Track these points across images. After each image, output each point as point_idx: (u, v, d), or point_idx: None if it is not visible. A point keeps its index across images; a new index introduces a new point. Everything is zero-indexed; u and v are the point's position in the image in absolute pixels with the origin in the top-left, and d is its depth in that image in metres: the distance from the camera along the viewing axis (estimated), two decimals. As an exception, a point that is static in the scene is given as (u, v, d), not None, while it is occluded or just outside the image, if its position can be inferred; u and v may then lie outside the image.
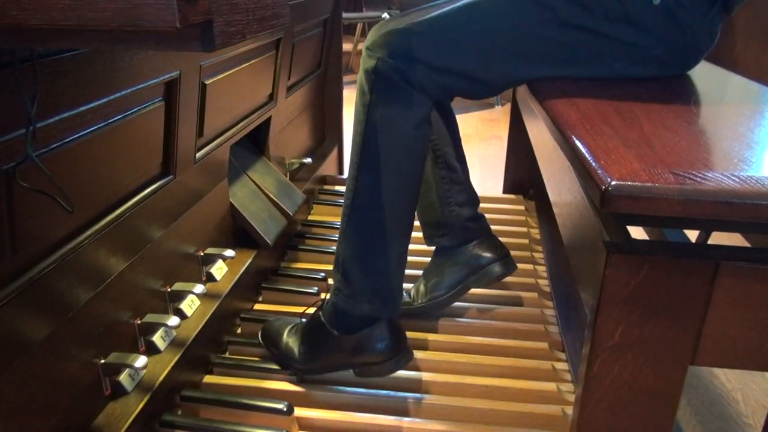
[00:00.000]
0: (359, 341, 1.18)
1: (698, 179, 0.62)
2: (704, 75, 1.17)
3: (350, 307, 1.18)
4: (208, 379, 1.24)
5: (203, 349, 1.23)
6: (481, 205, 2.03)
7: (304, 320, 1.29)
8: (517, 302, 1.55)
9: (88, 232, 0.93)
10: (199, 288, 1.20)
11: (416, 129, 1.15)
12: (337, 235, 1.22)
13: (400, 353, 1.20)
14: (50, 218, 0.83)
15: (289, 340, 1.26)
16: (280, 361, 1.25)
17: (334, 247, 1.67)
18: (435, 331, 1.42)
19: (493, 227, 1.88)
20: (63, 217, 0.85)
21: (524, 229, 1.89)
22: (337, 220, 1.87)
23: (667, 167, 0.64)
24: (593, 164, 0.66)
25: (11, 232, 0.76)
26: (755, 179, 0.61)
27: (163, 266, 1.18)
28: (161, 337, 1.13)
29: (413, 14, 1.35)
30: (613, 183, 0.61)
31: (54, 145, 0.80)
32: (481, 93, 1.20)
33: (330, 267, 1.28)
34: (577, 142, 0.73)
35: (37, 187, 0.75)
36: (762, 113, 0.92)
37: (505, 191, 2.20)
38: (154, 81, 1.02)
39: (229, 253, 1.35)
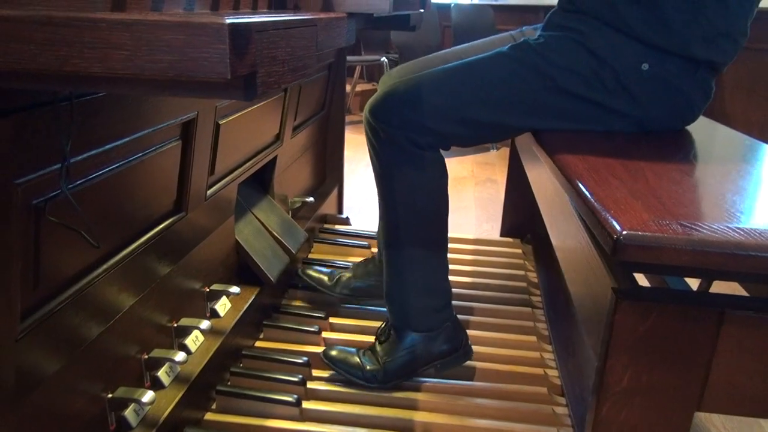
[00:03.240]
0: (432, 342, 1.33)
1: (705, 230, 0.65)
2: (699, 129, 1.22)
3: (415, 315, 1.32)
4: (210, 416, 1.23)
5: (206, 385, 1.23)
6: (479, 247, 2.08)
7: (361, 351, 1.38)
8: (517, 345, 1.56)
9: (104, 267, 0.94)
10: (204, 324, 1.21)
11: (431, 177, 1.24)
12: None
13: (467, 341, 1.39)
14: (72, 252, 0.85)
15: (365, 361, 1.35)
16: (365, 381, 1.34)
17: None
18: (436, 374, 1.43)
19: (490, 270, 1.92)
20: (83, 251, 0.87)
21: (522, 272, 1.92)
22: (337, 259, 1.90)
23: (674, 218, 0.68)
24: (604, 214, 0.69)
25: (35, 266, 0.77)
26: (758, 231, 0.65)
27: (170, 301, 1.19)
28: (166, 372, 1.13)
29: (411, 69, 1.40)
30: (625, 233, 0.64)
31: (80, 182, 0.82)
32: (483, 141, 1.26)
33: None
34: (587, 193, 0.77)
35: (66, 222, 0.77)
36: (758, 167, 0.96)
37: (502, 234, 2.23)
38: (174, 121, 1.05)
39: (234, 290, 1.36)
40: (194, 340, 1.23)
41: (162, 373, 1.12)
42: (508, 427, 1.24)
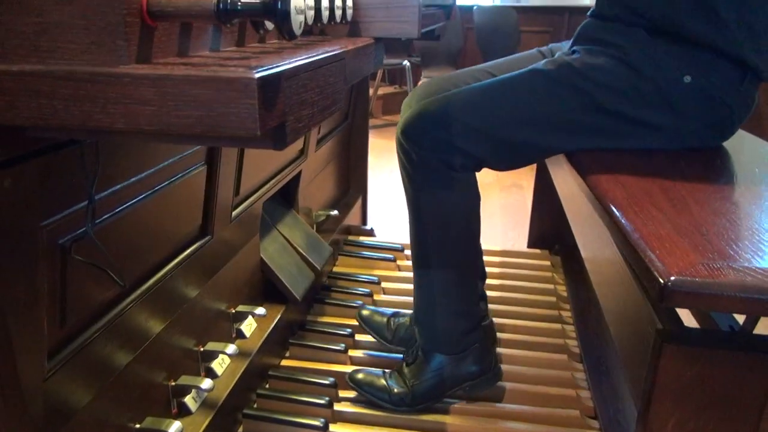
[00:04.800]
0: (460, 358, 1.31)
1: (758, 275, 0.61)
2: (738, 145, 1.17)
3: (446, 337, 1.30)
4: (237, 439, 1.22)
5: (233, 408, 1.22)
6: (506, 259, 2.04)
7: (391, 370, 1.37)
8: (547, 365, 1.52)
9: (130, 298, 0.93)
10: (231, 348, 1.20)
11: (464, 200, 1.22)
12: (362, 289, 1.50)
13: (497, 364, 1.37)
14: (98, 287, 0.83)
15: (391, 384, 1.33)
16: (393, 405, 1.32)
17: (360, 302, 1.69)
18: (465, 396, 1.40)
19: (518, 284, 1.88)
20: (109, 285, 0.86)
21: (551, 286, 1.88)
22: (361, 272, 1.88)
23: (724, 259, 0.64)
24: (650, 255, 0.65)
25: (62, 304, 0.76)
26: (817, 277, 0.61)
27: (197, 325, 1.17)
28: (193, 398, 1.12)
29: (439, 86, 1.36)
30: (673, 278, 0.61)
31: (105, 216, 0.81)
32: (517, 165, 1.22)
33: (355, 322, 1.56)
34: (629, 229, 0.73)
35: (92, 261, 0.75)
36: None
37: (530, 245, 2.19)
38: (199, 147, 1.04)
39: (260, 311, 1.35)
40: (221, 364, 1.22)
41: (189, 399, 1.11)
42: (540, 453, 1.21)
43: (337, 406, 1.33)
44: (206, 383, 1.09)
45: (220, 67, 0.46)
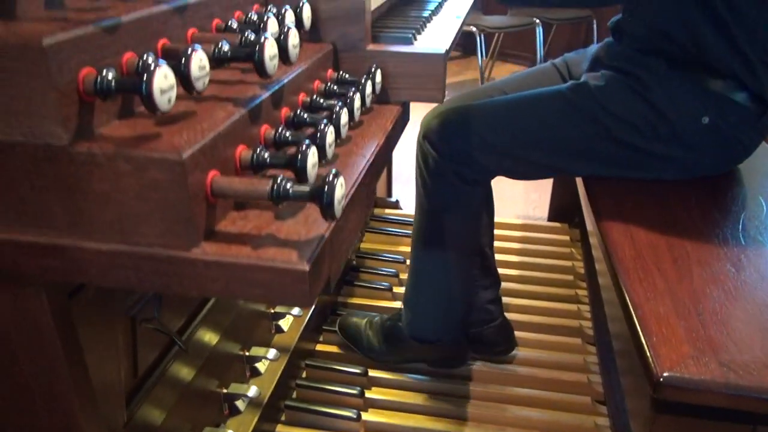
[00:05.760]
0: (429, 348, 1.46)
1: (740, 371, 0.70)
2: (752, 175, 1.20)
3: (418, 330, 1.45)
4: (281, 428, 1.38)
5: (277, 399, 1.37)
6: (526, 234, 2.12)
7: (378, 316, 1.57)
8: (561, 348, 1.63)
9: (189, 330, 1.05)
10: (272, 353, 1.33)
11: (472, 208, 1.30)
12: (391, 269, 1.74)
13: (466, 356, 1.51)
14: (162, 338, 0.95)
15: (370, 335, 1.52)
16: (362, 352, 1.53)
17: (387, 283, 1.81)
18: (478, 379, 1.53)
19: (536, 261, 1.97)
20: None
21: (569, 263, 1.96)
22: (389, 251, 1.98)
23: (714, 351, 0.73)
24: (645, 345, 0.74)
25: (134, 360, 0.89)
26: (793, 373, 0.69)
27: (241, 331, 1.30)
28: (242, 399, 1.26)
29: (465, 98, 1.40)
30: (666, 374, 0.70)
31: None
32: (529, 179, 1.29)
33: (384, 303, 1.73)
34: (631, 302, 0.81)
35: (159, 328, 0.87)
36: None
37: (550, 218, 2.26)
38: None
39: (296, 310, 1.47)
40: (263, 363, 1.36)
41: (238, 402, 1.25)
42: (550, 440, 1.35)
43: (368, 393, 1.47)
44: (252, 390, 1.23)
45: (279, 251, 0.54)
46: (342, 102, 0.75)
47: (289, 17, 0.80)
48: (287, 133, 0.67)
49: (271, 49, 0.64)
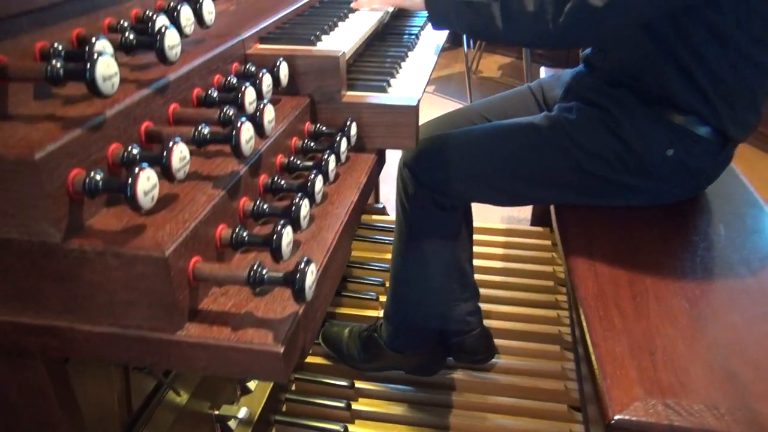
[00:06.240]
0: (406, 358, 1.53)
1: (684, 413, 0.77)
2: (718, 191, 1.26)
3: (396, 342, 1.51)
4: (272, 442, 1.45)
5: (267, 414, 1.44)
6: (507, 239, 2.17)
7: (358, 325, 1.62)
8: (540, 355, 1.70)
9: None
10: (262, 372, 1.39)
11: (450, 230, 1.36)
12: (377, 278, 1.78)
13: (441, 364, 1.58)
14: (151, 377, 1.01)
15: (350, 344, 1.58)
16: (343, 360, 1.60)
17: (373, 293, 1.87)
18: (460, 388, 1.60)
19: (518, 266, 2.03)
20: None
21: (550, 269, 2.03)
22: (376, 259, 2.04)
23: (662, 395, 0.79)
24: (600, 386, 0.81)
25: (127, 394, 0.95)
26: (734, 413, 0.76)
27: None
28: (234, 419, 1.33)
29: (444, 122, 1.45)
30: (616, 417, 0.77)
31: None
32: (505, 205, 1.35)
33: (371, 312, 1.76)
34: (589, 341, 0.88)
35: (155, 376, 0.93)
36: None
37: (533, 222, 2.32)
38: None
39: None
40: (253, 382, 1.42)
41: (230, 422, 1.32)
42: (527, 449, 1.43)
43: (355, 405, 1.54)
44: (242, 412, 1.30)
45: (256, 332, 0.60)
46: (317, 169, 0.80)
47: (266, 82, 0.84)
48: (265, 206, 0.73)
49: (247, 134, 0.69)
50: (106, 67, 0.60)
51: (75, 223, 0.60)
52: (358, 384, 1.60)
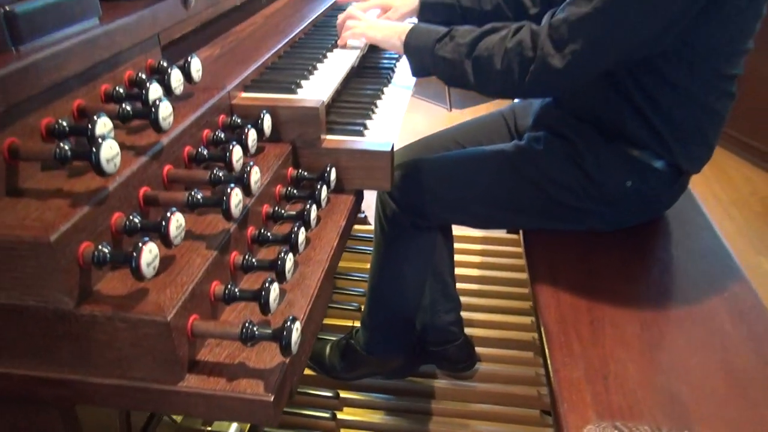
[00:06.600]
0: (383, 362, 1.62)
1: (633, 434, 0.86)
2: (674, 214, 1.36)
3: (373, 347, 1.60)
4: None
5: (256, 428, 1.52)
6: (484, 246, 2.27)
7: (337, 339, 1.70)
8: (515, 361, 1.80)
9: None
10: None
11: (428, 249, 1.45)
12: (359, 288, 1.86)
13: (416, 365, 1.68)
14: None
15: (330, 356, 1.67)
16: (326, 373, 1.68)
17: (355, 303, 1.96)
18: (440, 396, 1.69)
19: (494, 274, 2.13)
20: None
21: (524, 276, 2.12)
22: (357, 269, 2.12)
23: (612, 417, 0.89)
24: (559, 411, 0.90)
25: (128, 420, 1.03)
26: (673, 435, 0.86)
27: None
28: (226, 433, 1.41)
29: (421, 147, 1.53)
30: (570, 440, 0.86)
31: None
32: (479, 228, 1.44)
33: (353, 323, 1.80)
34: (550, 367, 0.97)
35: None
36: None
37: (509, 231, 2.41)
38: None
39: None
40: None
41: (223, 437, 1.40)
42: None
43: (340, 415, 1.63)
44: (233, 428, 1.38)
45: (248, 382, 0.68)
46: (300, 219, 0.88)
47: (252, 137, 0.92)
48: (253, 260, 0.81)
49: (236, 198, 0.77)
50: (110, 149, 0.68)
51: (85, 290, 0.67)
52: (343, 394, 1.69)
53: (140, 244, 0.65)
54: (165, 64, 0.96)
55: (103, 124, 0.73)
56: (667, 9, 0.98)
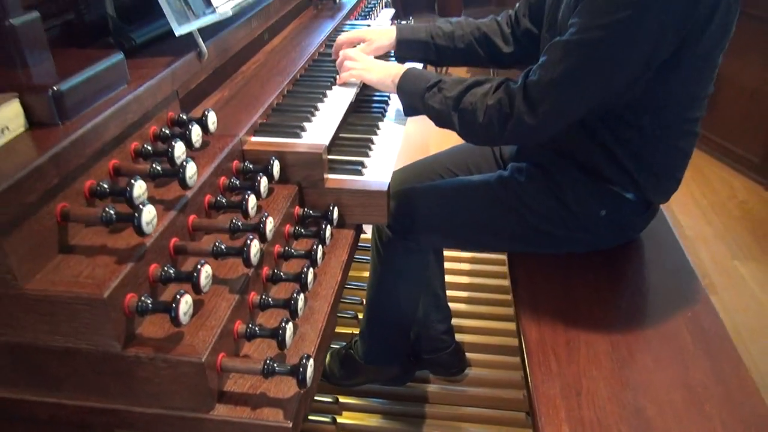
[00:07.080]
0: (381, 370, 1.75)
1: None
2: (649, 235, 1.49)
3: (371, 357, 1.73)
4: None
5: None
6: (474, 267, 2.38)
7: (337, 347, 1.83)
8: (503, 366, 1.93)
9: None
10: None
11: (421, 268, 1.58)
12: (355, 297, 2.02)
13: (411, 373, 1.81)
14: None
15: (331, 364, 1.80)
16: (326, 380, 1.80)
17: (351, 311, 2.08)
18: (434, 400, 1.82)
19: (481, 296, 2.23)
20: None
21: (508, 283, 2.25)
22: (353, 277, 2.24)
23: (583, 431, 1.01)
24: (537, 426, 1.03)
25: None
26: (636, 446, 0.98)
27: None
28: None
29: (413, 172, 1.65)
30: (546, 451, 0.99)
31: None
32: (466, 251, 1.56)
33: (350, 330, 1.97)
34: (530, 384, 1.10)
35: None
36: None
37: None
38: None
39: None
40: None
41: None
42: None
43: (339, 419, 1.75)
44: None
45: (270, 411, 0.80)
46: (308, 258, 0.99)
47: (263, 184, 1.03)
48: (269, 299, 0.92)
49: (254, 248, 0.88)
50: (149, 213, 0.79)
51: (129, 334, 0.79)
52: (342, 399, 1.81)
53: (178, 296, 0.76)
54: (185, 117, 1.06)
55: (140, 187, 0.84)
56: (625, 73, 1.11)
